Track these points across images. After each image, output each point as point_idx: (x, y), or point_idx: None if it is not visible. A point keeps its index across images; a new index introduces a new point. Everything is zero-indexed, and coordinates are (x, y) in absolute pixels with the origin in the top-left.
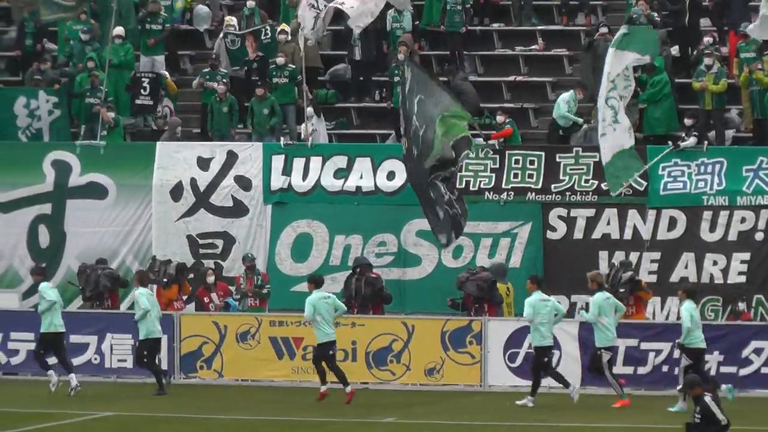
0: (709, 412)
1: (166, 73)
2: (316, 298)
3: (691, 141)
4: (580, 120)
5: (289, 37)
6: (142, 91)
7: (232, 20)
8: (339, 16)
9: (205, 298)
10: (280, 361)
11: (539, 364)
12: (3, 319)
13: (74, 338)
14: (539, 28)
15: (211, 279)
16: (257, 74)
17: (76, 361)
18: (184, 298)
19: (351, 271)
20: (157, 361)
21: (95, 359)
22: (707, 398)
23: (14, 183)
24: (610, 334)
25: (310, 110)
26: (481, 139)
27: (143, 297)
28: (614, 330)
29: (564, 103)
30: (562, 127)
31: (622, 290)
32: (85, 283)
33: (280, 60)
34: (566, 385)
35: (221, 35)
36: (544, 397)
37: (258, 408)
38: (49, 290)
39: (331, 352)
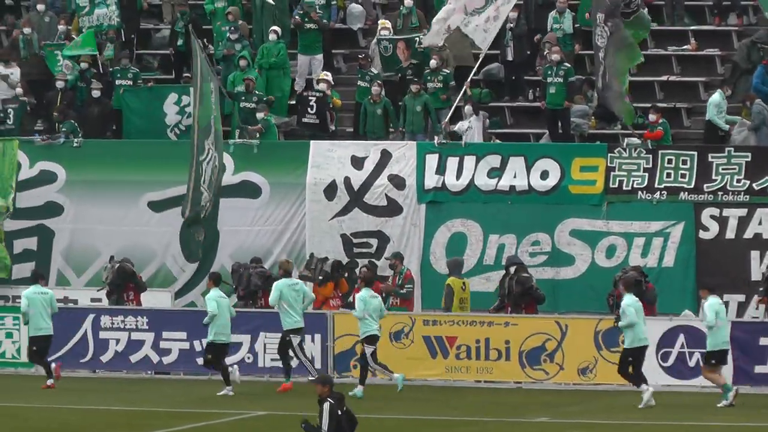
0: (321, 417)
1: (328, 78)
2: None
3: None
4: (726, 127)
5: (442, 42)
6: (308, 110)
7: (386, 24)
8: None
9: None
10: (434, 360)
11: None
12: (155, 319)
13: None
14: (692, 28)
15: None
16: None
17: (229, 359)
18: (341, 295)
19: (505, 271)
20: None
21: (248, 358)
22: (326, 404)
23: (166, 182)
24: (296, 318)
25: (468, 108)
26: (635, 139)
27: None
28: (301, 315)
29: (714, 107)
30: (720, 128)
31: (760, 289)
32: (237, 282)
33: (433, 63)
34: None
35: (375, 40)
36: (696, 396)
37: (411, 407)
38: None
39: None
